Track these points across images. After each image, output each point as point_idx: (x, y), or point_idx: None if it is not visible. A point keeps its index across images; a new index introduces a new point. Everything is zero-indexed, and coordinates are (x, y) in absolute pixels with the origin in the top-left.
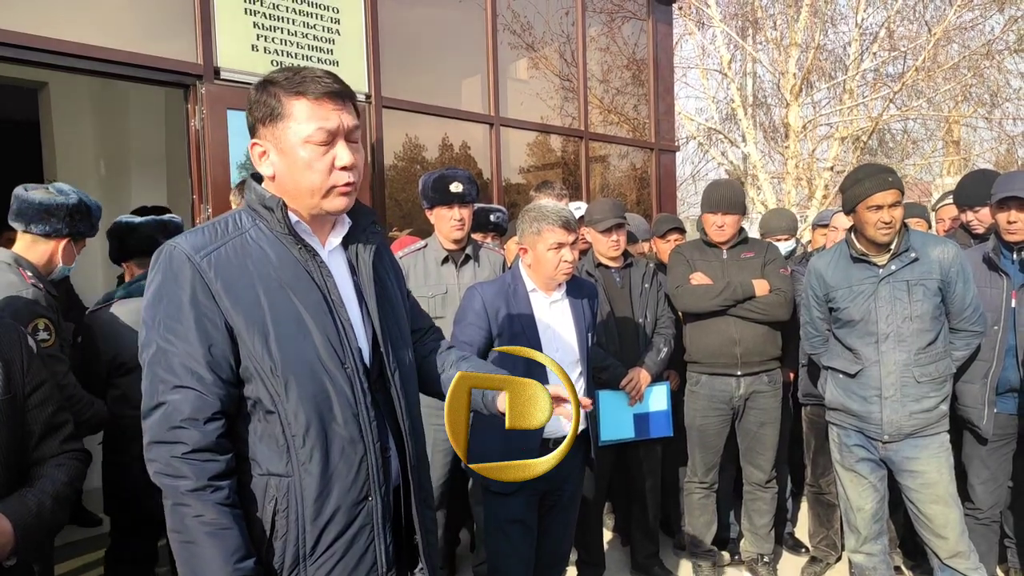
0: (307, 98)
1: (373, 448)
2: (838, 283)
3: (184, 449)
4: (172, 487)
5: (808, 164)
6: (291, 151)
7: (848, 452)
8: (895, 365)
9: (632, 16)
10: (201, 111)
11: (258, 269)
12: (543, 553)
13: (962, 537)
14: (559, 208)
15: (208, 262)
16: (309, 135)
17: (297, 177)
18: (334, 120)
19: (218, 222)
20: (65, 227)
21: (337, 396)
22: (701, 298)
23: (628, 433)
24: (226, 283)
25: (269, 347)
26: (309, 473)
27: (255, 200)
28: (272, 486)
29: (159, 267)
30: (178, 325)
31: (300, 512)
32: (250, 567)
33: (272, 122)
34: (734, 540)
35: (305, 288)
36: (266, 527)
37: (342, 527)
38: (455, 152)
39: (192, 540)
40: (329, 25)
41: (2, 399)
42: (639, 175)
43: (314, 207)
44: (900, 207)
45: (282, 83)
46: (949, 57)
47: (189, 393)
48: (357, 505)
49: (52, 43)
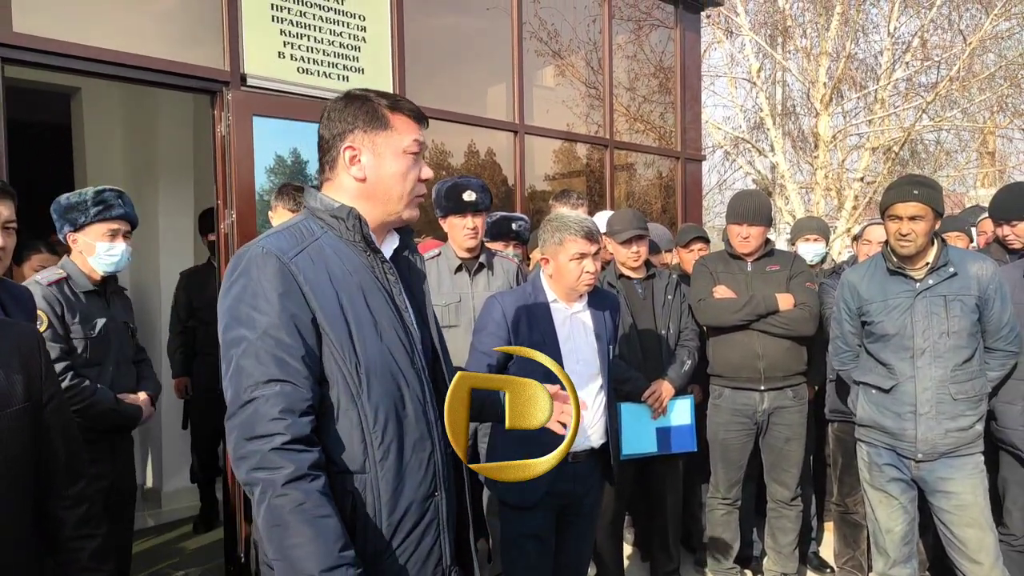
0: (406, 115)
1: (439, 445)
2: (873, 296)
3: (282, 440)
4: (269, 480)
5: (838, 175)
6: (389, 158)
7: (879, 472)
8: (931, 381)
9: (660, 24)
10: (228, 117)
11: (335, 273)
12: (560, 568)
13: (997, 563)
14: (581, 218)
15: (295, 264)
16: (407, 146)
17: (389, 183)
18: (423, 136)
19: (292, 228)
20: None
21: (409, 394)
22: (723, 312)
23: (650, 447)
24: (312, 284)
25: (354, 346)
26: (385, 469)
27: (321, 209)
28: (350, 483)
29: (249, 266)
30: (272, 320)
31: (377, 508)
32: (352, 555)
33: (375, 130)
34: (757, 558)
35: (375, 291)
36: (346, 521)
37: (414, 522)
38: (480, 159)
39: (292, 531)
40: (355, 33)
41: (23, 406)
42: (665, 184)
43: (392, 213)
44: (923, 222)
45: (380, 99)
46: (985, 67)
47: (285, 386)
48: (426, 500)
49: (85, 50)
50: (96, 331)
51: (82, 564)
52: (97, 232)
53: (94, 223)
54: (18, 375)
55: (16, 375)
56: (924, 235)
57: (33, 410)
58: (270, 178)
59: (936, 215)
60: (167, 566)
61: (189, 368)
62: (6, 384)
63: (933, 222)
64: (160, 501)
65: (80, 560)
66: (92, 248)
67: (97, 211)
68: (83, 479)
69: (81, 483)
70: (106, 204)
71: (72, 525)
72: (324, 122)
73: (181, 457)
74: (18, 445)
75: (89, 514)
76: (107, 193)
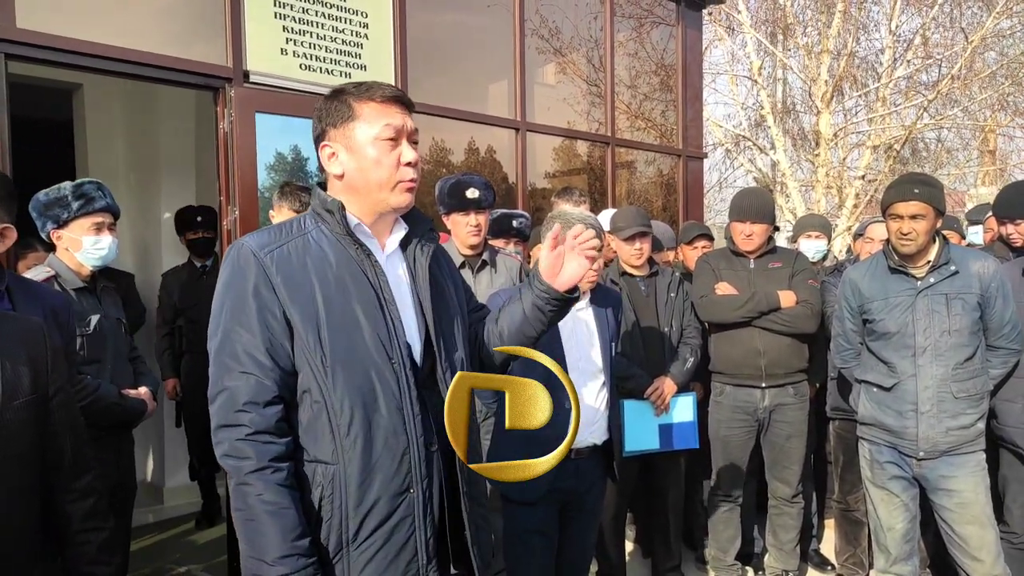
0: (375, 100)
1: (417, 442)
2: (874, 294)
3: (247, 431)
4: (236, 468)
5: (839, 172)
6: (361, 149)
7: (880, 470)
8: (932, 379)
9: (661, 22)
10: (230, 114)
11: (316, 267)
12: (563, 563)
13: (998, 560)
14: (583, 215)
15: (271, 258)
16: (378, 133)
17: (367, 173)
18: (399, 119)
19: (285, 224)
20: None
21: (382, 389)
22: (725, 309)
23: (652, 444)
24: (285, 278)
25: (320, 338)
26: (353, 461)
27: (318, 204)
28: (319, 473)
29: (228, 262)
30: (242, 315)
31: (344, 499)
32: (305, 545)
33: (343, 124)
34: (758, 555)
35: (360, 286)
36: (313, 512)
37: (383, 516)
38: (481, 156)
39: (253, 518)
40: (357, 29)
41: (29, 399)
42: (666, 181)
43: (380, 202)
44: (923, 220)
45: (351, 90)
46: (986, 65)
47: (250, 379)
48: (398, 496)
49: (88, 46)
50: (91, 328)
51: (90, 557)
52: (82, 227)
53: (78, 218)
54: (24, 368)
55: (22, 368)
56: (925, 234)
57: (39, 403)
58: (271, 175)
59: (937, 214)
60: (170, 562)
61: (178, 368)
62: (12, 377)
63: (934, 221)
64: (162, 497)
65: (88, 553)
66: (79, 243)
67: (79, 205)
68: (90, 472)
69: (88, 476)
70: (88, 197)
71: (79, 518)
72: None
73: (182, 453)
74: (24, 438)
75: (96, 507)
76: (87, 186)
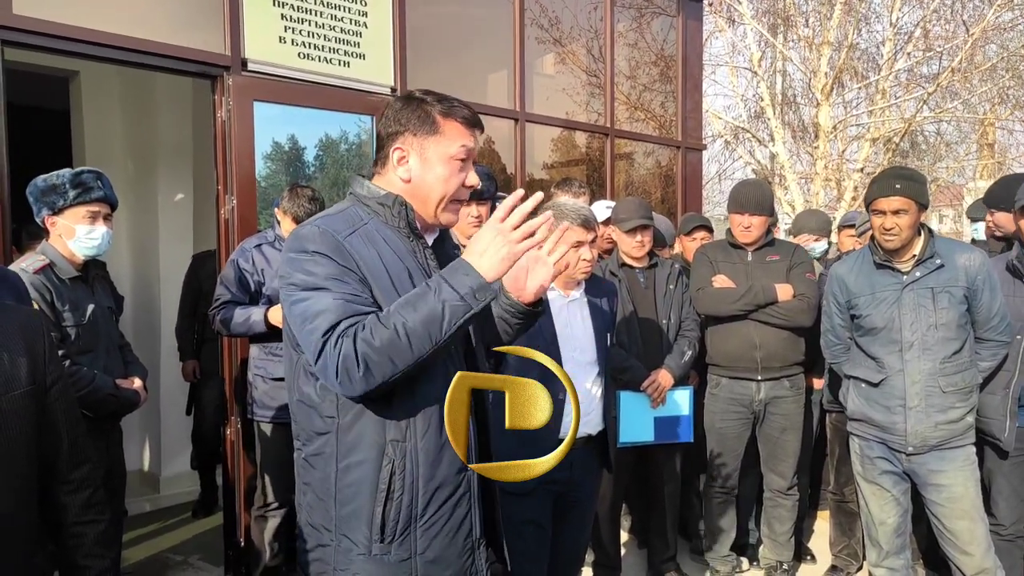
0: (458, 120)
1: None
2: (860, 290)
3: (345, 327)
4: (353, 351)
5: (838, 165)
6: (433, 162)
7: (870, 464)
8: (920, 374)
9: (661, 12)
10: (228, 102)
11: (385, 255)
12: (558, 554)
13: (988, 553)
14: (579, 206)
15: (349, 243)
16: (454, 153)
17: (431, 187)
18: (472, 143)
19: (344, 213)
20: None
21: (451, 369)
22: (721, 302)
23: (647, 436)
24: (365, 262)
25: None
26: (427, 439)
27: (367, 196)
28: (390, 449)
29: (305, 241)
30: (333, 274)
31: (416, 475)
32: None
33: (424, 134)
34: (753, 546)
35: (419, 273)
36: (382, 488)
37: (449, 493)
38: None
39: (405, 332)
40: (356, 18)
41: (26, 390)
42: (665, 173)
43: (429, 215)
44: (907, 215)
45: (435, 103)
46: (987, 58)
47: (338, 301)
48: (459, 474)
49: (84, 32)
50: (86, 318)
51: (86, 549)
52: (77, 215)
53: (73, 206)
54: (22, 358)
55: (20, 358)
56: (908, 228)
57: (37, 394)
58: (269, 164)
59: (920, 207)
60: (166, 551)
61: (199, 352)
62: (10, 367)
63: (917, 215)
64: (158, 486)
65: (84, 545)
66: (72, 231)
67: (76, 194)
68: (87, 464)
69: (85, 467)
70: (85, 186)
71: (76, 510)
72: (382, 120)
73: (180, 442)
74: (21, 429)
75: (93, 499)
76: (85, 175)
